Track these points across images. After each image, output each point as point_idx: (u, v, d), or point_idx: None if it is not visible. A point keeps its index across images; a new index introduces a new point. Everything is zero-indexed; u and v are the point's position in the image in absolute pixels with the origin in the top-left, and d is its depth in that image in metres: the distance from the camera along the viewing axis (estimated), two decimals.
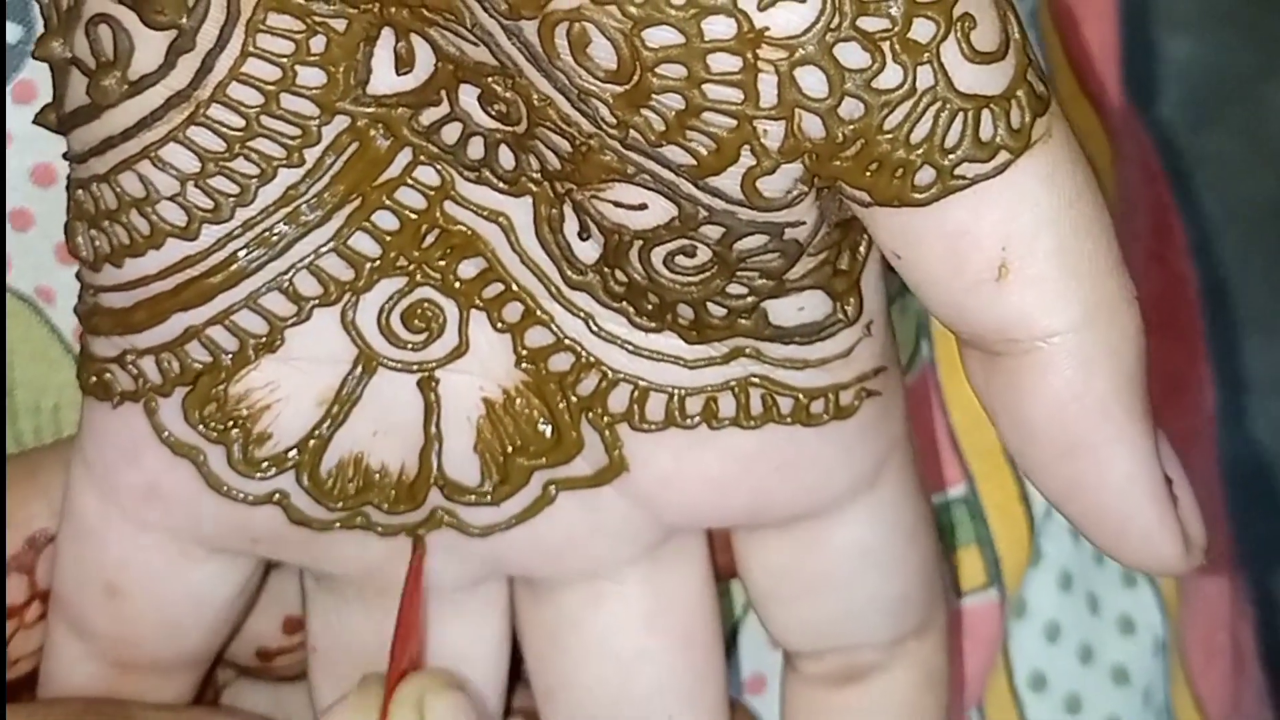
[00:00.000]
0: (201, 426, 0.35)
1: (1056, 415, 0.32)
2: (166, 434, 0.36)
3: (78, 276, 0.35)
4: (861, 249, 0.34)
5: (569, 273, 0.34)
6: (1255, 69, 1.12)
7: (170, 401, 0.35)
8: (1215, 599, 0.51)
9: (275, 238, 0.33)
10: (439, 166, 0.33)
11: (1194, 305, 0.56)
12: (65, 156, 0.34)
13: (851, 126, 0.30)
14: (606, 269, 0.33)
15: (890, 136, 0.30)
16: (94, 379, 0.36)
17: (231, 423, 0.35)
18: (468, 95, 0.32)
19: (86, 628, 0.38)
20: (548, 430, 0.35)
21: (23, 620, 0.39)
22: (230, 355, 0.35)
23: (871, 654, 0.38)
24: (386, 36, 0.32)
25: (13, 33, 0.39)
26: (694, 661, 0.39)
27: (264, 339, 0.35)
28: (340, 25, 0.32)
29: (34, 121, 0.34)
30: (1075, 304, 0.31)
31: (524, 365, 0.35)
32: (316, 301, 0.34)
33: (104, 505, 0.37)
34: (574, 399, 0.35)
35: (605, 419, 0.35)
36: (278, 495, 0.36)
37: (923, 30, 0.29)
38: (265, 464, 0.36)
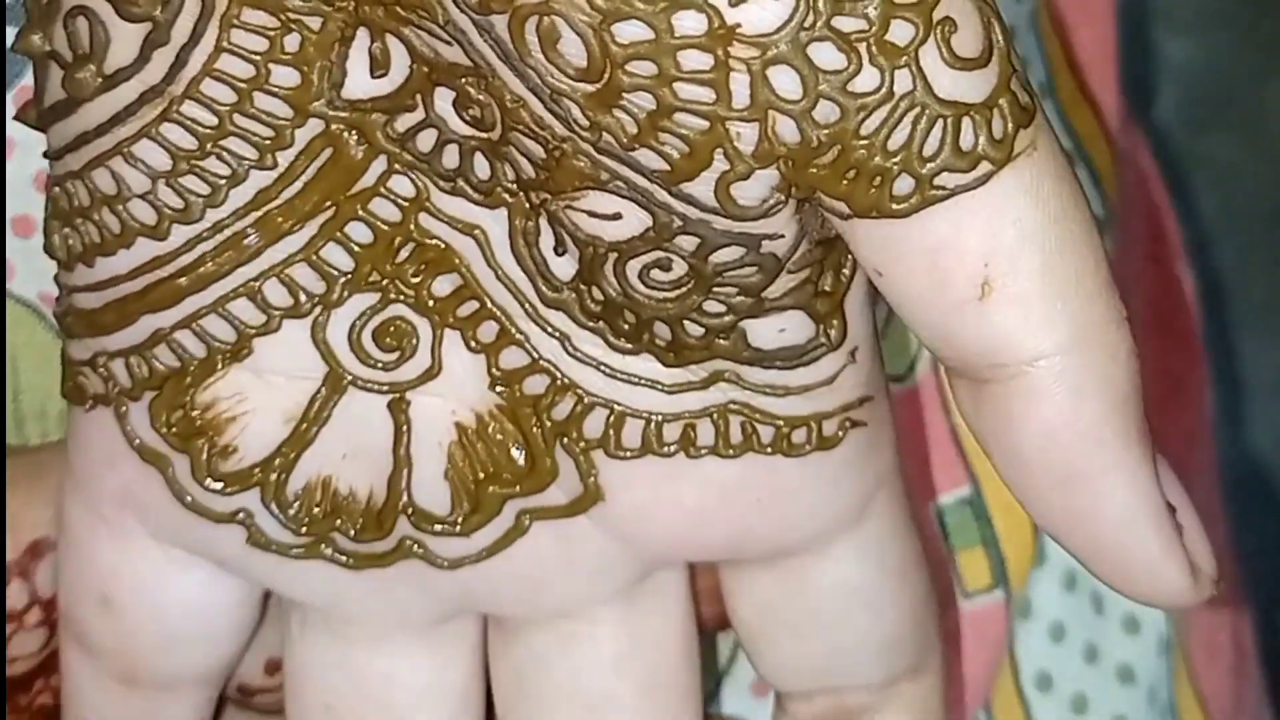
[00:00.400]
0: (167, 432, 0.35)
1: (1048, 444, 0.31)
2: (136, 440, 0.35)
3: (55, 280, 0.35)
4: (845, 270, 0.33)
5: (545, 289, 0.33)
6: (1255, 69, 1.12)
7: (139, 406, 0.35)
8: (1216, 598, 0.51)
9: (245, 242, 0.33)
10: (414, 176, 0.33)
11: (1190, 308, 0.56)
12: (45, 155, 0.34)
13: (826, 131, 0.29)
14: (583, 286, 0.33)
15: (866, 142, 0.29)
16: (70, 383, 0.36)
17: (197, 432, 0.35)
18: (443, 100, 0.32)
19: (90, 643, 0.37)
20: (520, 457, 0.35)
21: (23, 624, 0.39)
22: (197, 361, 0.34)
23: (862, 696, 0.37)
24: (362, 38, 0.32)
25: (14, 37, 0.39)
26: (665, 707, 0.38)
27: (231, 347, 0.34)
28: (315, 23, 0.31)
29: (14, 117, 0.34)
30: (1061, 325, 0.30)
31: (498, 388, 0.34)
32: (285, 312, 0.34)
33: (89, 514, 0.36)
34: (548, 423, 0.34)
35: (580, 444, 0.34)
36: (242, 514, 0.35)
37: (901, 32, 0.29)
38: (230, 479, 0.35)
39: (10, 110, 0.39)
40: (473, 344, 0.34)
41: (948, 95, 0.29)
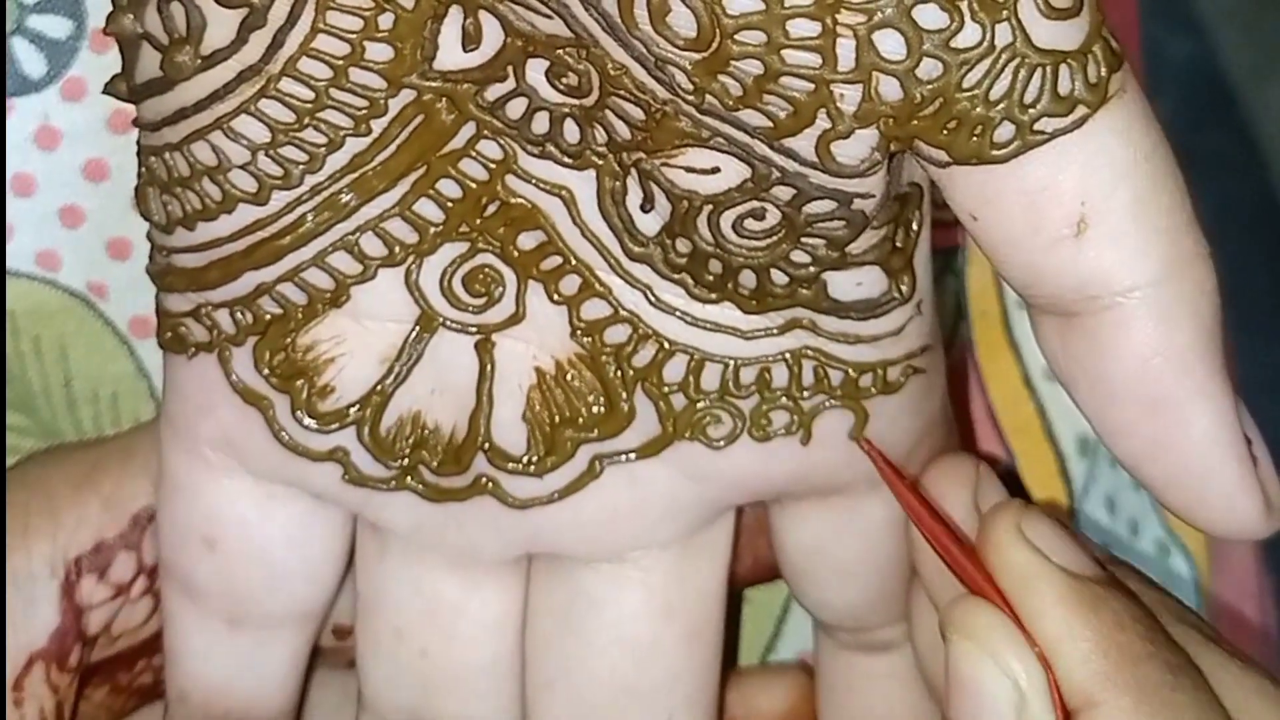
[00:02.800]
0: (269, 374, 0.36)
1: (1138, 371, 0.32)
2: (237, 380, 0.36)
3: (148, 237, 0.36)
4: (915, 225, 0.34)
5: (630, 245, 0.34)
6: (1255, 69, 1.13)
7: (242, 351, 0.36)
8: (1243, 571, 0.51)
9: (342, 202, 0.34)
10: (502, 141, 0.34)
11: None
12: (135, 123, 0.34)
13: (929, 86, 0.30)
14: (668, 240, 0.34)
15: (970, 94, 0.30)
16: (169, 334, 0.37)
17: (297, 372, 0.36)
18: (534, 71, 0.32)
19: (195, 587, 0.38)
20: (598, 403, 0.36)
21: (128, 596, 0.39)
22: (300, 308, 0.35)
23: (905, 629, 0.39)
24: (454, 14, 0.32)
25: (63, 28, 0.40)
26: (702, 659, 0.39)
27: (331, 294, 0.35)
28: (408, 2, 0.32)
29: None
30: (1154, 258, 0.31)
31: (579, 337, 0.36)
32: (381, 262, 0.35)
33: (189, 459, 0.38)
34: (630, 370, 0.36)
35: (662, 389, 0.36)
36: (339, 452, 0.37)
37: None
38: (328, 418, 0.36)
39: (56, 101, 0.40)
40: (555, 296, 0.35)
41: (1045, 44, 0.30)
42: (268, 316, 0.36)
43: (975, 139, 0.31)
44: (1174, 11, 1.10)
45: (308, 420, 0.36)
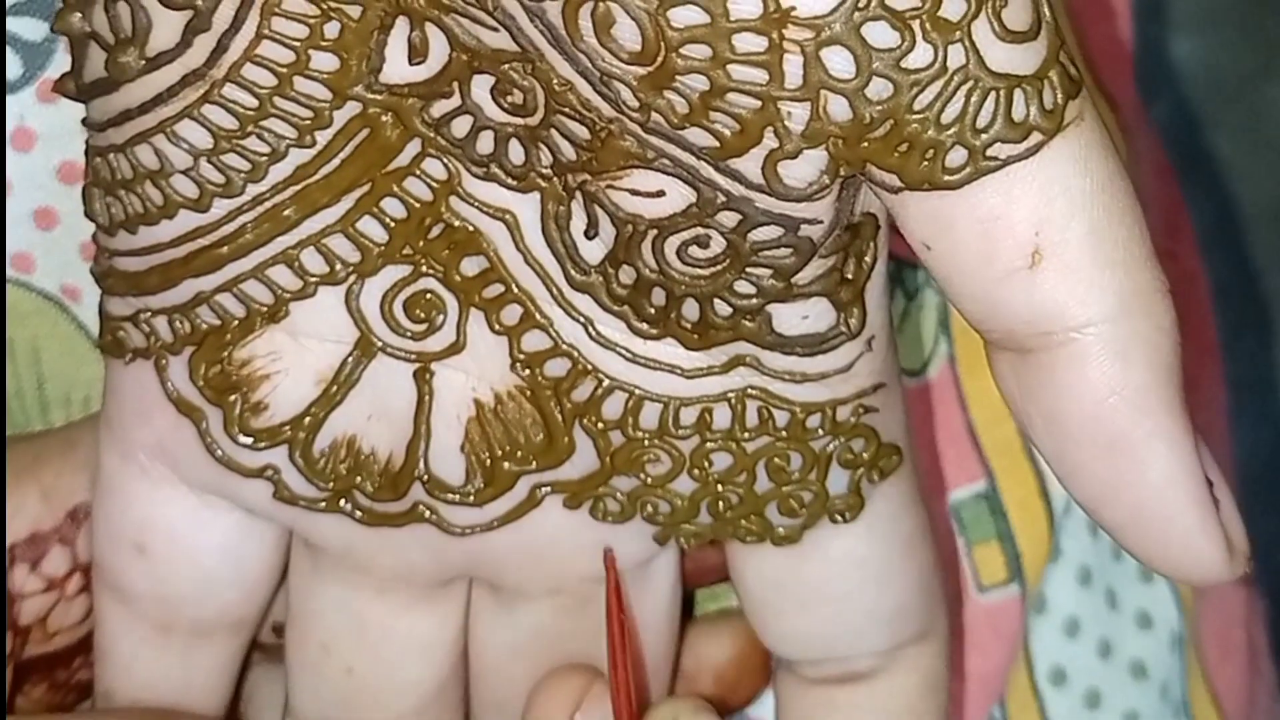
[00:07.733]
0: (204, 386, 0.36)
1: (1094, 410, 0.31)
2: (172, 389, 0.36)
3: (94, 239, 0.36)
4: (867, 259, 0.33)
5: (573, 272, 0.34)
6: (1255, 69, 1.12)
7: (179, 360, 0.36)
8: (1230, 595, 0.51)
9: (284, 214, 0.34)
10: (447, 160, 0.33)
11: (1205, 301, 0.56)
12: (84, 123, 0.34)
13: (879, 107, 0.29)
14: (611, 269, 0.33)
15: (921, 116, 0.29)
16: (109, 337, 0.36)
17: (232, 387, 0.36)
18: (480, 88, 0.32)
19: (125, 590, 0.38)
20: (538, 434, 0.35)
21: (64, 592, 0.39)
22: (237, 320, 0.35)
23: (869, 661, 0.38)
24: (401, 25, 0.32)
25: (38, 30, 0.40)
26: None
27: (269, 309, 0.35)
28: (355, 11, 0.32)
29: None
30: (1110, 293, 0.30)
31: (520, 369, 0.35)
32: (322, 279, 0.34)
33: (124, 464, 0.37)
34: (568, 404, 0.35)
35: (599, 425, 0.35)
36: (270, 471, 0.36)
37: (953, 8, 0.29)
38: (260, 435, 0.36)
39: (32, 102, 0.40)
40: (496, 326, 0.35)
41: (1000, 68, 0.29)
42: (205, 327, 0.35)
43: (926, 163, 0.30)
44: (1175, 11, 1.09)
45: (240, 436, 0.36)
